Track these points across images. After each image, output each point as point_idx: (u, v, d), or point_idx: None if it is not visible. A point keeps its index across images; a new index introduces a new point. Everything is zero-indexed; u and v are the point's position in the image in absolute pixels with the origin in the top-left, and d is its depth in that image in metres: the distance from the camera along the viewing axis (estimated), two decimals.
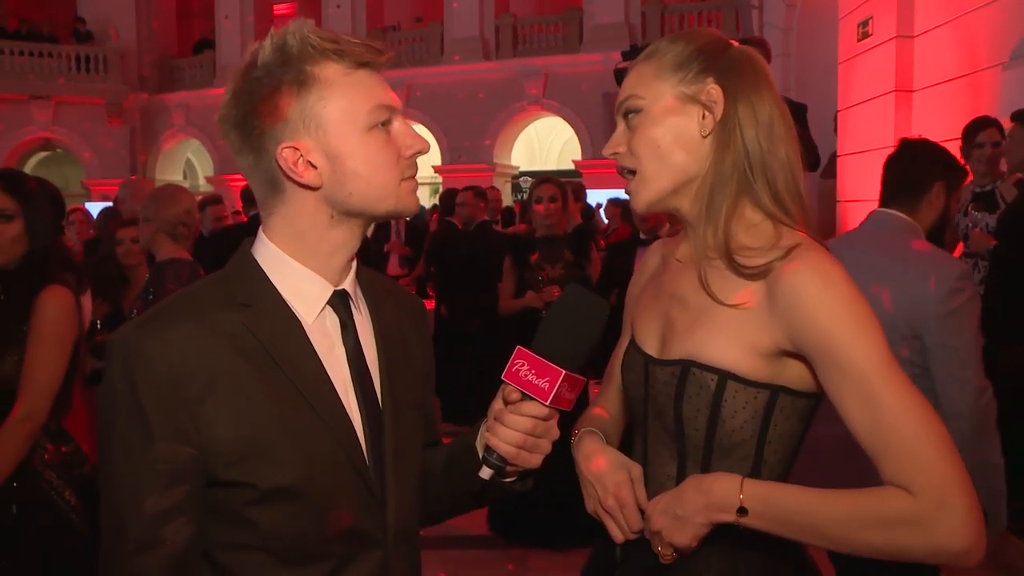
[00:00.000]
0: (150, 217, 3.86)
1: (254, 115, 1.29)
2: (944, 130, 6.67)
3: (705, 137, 1.45)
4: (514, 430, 1.34)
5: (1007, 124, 4.99)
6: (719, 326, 1.42)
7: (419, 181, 1.43)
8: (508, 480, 1.43)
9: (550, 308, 1.38)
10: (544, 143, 24.73)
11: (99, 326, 3.92)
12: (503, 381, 1.35)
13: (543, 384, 1.31)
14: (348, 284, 1.41)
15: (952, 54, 6.83)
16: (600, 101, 19.78)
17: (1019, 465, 3.24)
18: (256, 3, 24.45)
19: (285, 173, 1.30)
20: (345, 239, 1.37)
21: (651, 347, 1.54)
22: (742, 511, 1.34)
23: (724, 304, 1.42)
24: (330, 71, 1.29)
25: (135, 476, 1.25)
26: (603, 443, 1.57)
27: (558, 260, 5.11)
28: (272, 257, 1.36)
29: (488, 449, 1.37)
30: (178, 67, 25.99)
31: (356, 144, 1.30)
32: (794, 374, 1.41)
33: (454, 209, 7.75)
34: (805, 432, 1.47)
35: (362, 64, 1.32)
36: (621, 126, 1.52)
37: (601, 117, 19.99)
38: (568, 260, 5.13)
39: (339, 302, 1.38)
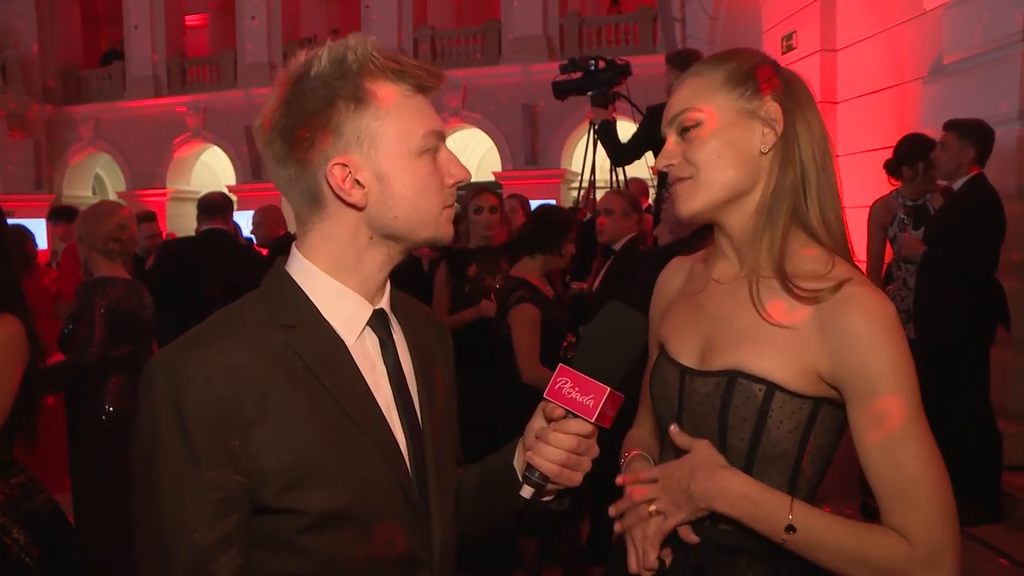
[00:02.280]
0: (82, 236, 3.73)
1: (305, 126, 1.25)
2: (867, 140, 6.90)
3: (764, 154, 1.47)
4: (558, 448, 1.33)
5: (932, 134, 5.16)
6: (766, 342, 1.44)
7: None
8: (546, 499, 1.42)
9: (590, 324, 1.38)
10: (463, 155, 24.71)
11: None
12: (545, 399, 1.34)
13: (588, 401, 1.31)
14: (385, 303, 1.38)
15: (876, 67, 7.07)
16: (519, 112, 19.93)
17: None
18: (167, 13, 23.79)
19: (333, 190, 1.27)
20: (382, 262, 1.34)
21: (688, 361, 1.54)
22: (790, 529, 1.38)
23: (773, 323, 1.44)
24: (388, 91, 1.27)
25: (182, 506, 1.19)
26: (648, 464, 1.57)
27: (497, 271, 4.96)
28: (310, 275, 1.32)
29: (529, 468, 1.36)
30: (85, 78, 25.08)
31: (406, 168, 1.28)
32: (834, 394, 1.44)
33: None
34: (838, 443, 1.49)
35: (421, 88, 1.30)
36: (673, 138, 1.52)
37: (520, 128, 20.10)
38: (506, 271, 4.88)
39: (378, 321, 1.36)
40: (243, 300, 1.36)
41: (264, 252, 6.82)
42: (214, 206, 5.65)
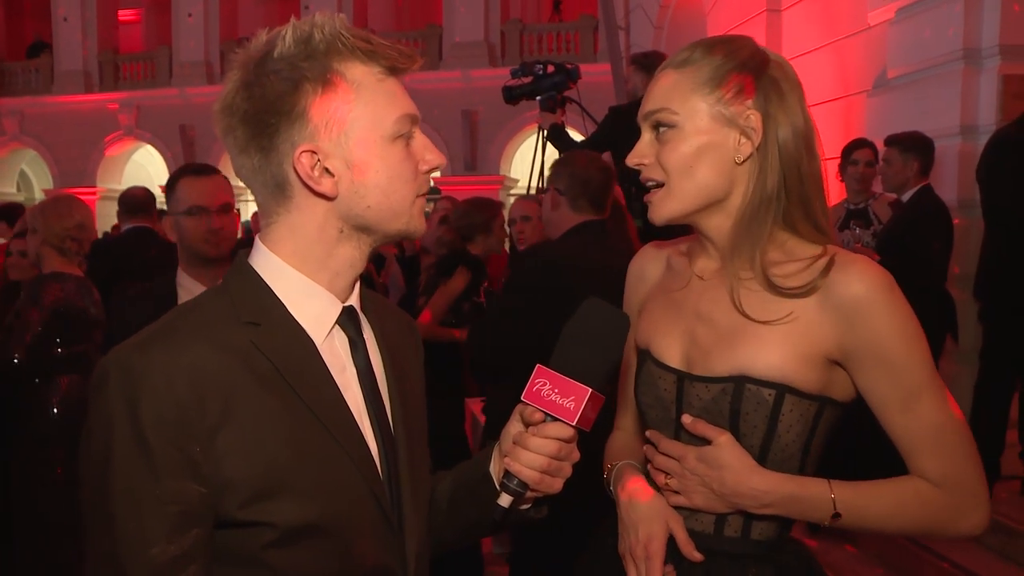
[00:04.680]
0: (37, 228, 3.58)
1: (269, 112, 1.16)
2: None
3: (740, 164, 1.42)
4: (537, 454, 1.26)
5: (877, 146, 5.25)
6: (767, 338, 1.40)
7: None
8: (523, 507, 1.35)
9: (569, 322, 1.30)
10: None
11: None
12: (523, 402, 1.27)
13: (568, 404, 1.24)
14: (355, 300, 1.29)
15: (822, 79, 7.17)
16: (459, 118, 19.86)
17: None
18: (99, 6, 23.14)
19: (301, 179, 1.18)
20: (354, 258, 1.26)
21: (679, 363, 1.50)
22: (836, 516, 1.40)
23: (762, 322, 1.40)
24: (358, 72, 1.19)
25: (138, 520, 1.09)
26: (645, 482, 1.52)
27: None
28: (275, 269, 1.23)
29: (507, 475, 1.28)
30: (10, 71, 24.22)
31: (379, 154, 1.20)
32: (838, 383, 1.42)
33: None
34: (830, 442, 1.48)
35: (393, 70, 1.22)
36: (648, 136, 1.47)
37: (460, 134, 20.03)
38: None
39: (347, 319, 1.27)
40: (204, 295, 1.26)
41: None
42: (137, 204, 5.37)
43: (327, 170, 1.18)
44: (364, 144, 1.19)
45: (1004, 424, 4.62)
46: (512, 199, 6.53)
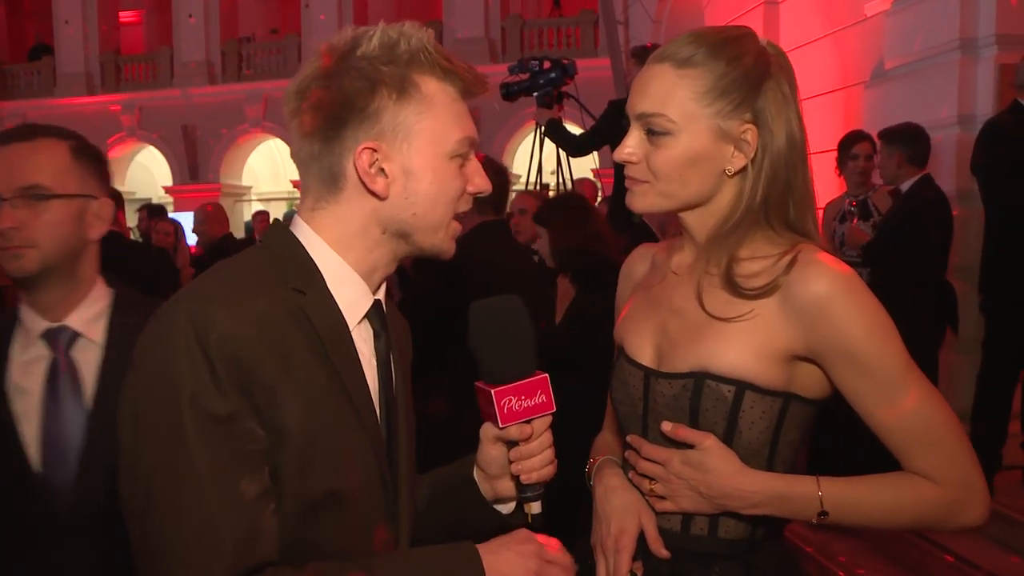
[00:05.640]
0: None
1: (342, 105, 1.20)
2: (812, 143, 6.95)
3: (731, 176, 1.42)
4: (542, 452, 1.32)
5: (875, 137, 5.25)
6: (728, 335, 1.40)
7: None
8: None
9: (473, 337, 1.32)
10: None
11: None
12: (502, 428, 1.30)
13: (540, 399, 1.30)
14: (381, 295, 1.34)
15: (820, 71, 7.16)
16: None
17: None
18: (100, 8, 23.17)
19: (358, 174, 1.22)
20: (388, 261, 1.30)
21: (647, 359, 1.50)
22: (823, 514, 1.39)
23: (725, 319, 1.40)
24: (434, 88, 1.24)
25: (219, 458, 1.08)
26: (623, 478, 1.53)
27: None
28: (318, 246, 1.26)
29: (525, 487, 1.33)
30: (12, 73, 24.28)
31: (436, 167, 1.25)
32: (804, 380, 1.41)
33: None
34: (808, 436, 1.48)
35: (466, 93, 1.27)
36: (639, 135, 1.44)
37: None
38: None
39: (375, 311, 1.32)
40: (244, 255, 1.29)
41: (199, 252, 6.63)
42: None
43: (383, 171, 1.22)
44: (424, 156, 1.24)
45: (1007, 414, 4.62)
46: (515, 194, 6.57)
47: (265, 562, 1.09)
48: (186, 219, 8.86)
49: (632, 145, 1.44)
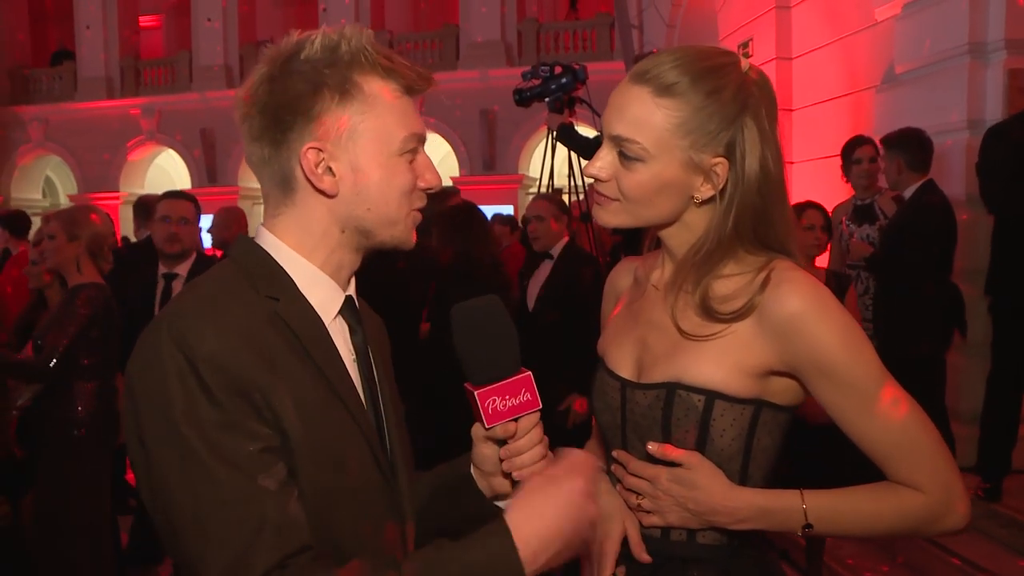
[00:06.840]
0: (79, 235, 3.63)
1: (286, 108, 1.24)
2: (823, 147, 6.99)
3: (699, 205, 1.44)
4: (532, 448, 1.33)
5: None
6: (703, 350, 1.43)
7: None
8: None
9: (456, 340, 1.32)
10: None
11: None
12: (488, 428, 1.31)
13: (525, 396, 1.31)
14: (352, 291, 1.38)
15: (831, 75, 7.17)
16: (477, 118, 19.90)
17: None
18: (120, 13, 23.37)
19: (305, 174, 1.25)
20: (353, 259, 1.34)
21: (627, 372, 1.53)
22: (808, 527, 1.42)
23: (700, 338, 1.43)
24: (376, 87, 1.27)
25: (231, 464, 1.10)
26: (608, 484, 1.55)
27: None
28: (284, 253, 1.30)
29: (517, 484, 1.33)
30: (34, 77, 24.53)
31: (383, 164, 1.28)
32: (777, 389, 1.44)
33: None
34: (783, 443, 1.50)
35: (409, 90, 1.30)
36: (611, 154, 1.45)
37: (478, 133, 20.08)
38: None
39: (347, 307, 1.35)
40: (216, 271, 1.31)
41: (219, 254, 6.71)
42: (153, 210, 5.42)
43: (330, 169, 1.25)
44: (370, 154, 1.27)
45: (1016, 418, 4.62)
46: (529, 197, 6.59)
47: (303, 546, 1.11)
48: (204, 221, 8.95)
49: (603, 164, 1.45)
